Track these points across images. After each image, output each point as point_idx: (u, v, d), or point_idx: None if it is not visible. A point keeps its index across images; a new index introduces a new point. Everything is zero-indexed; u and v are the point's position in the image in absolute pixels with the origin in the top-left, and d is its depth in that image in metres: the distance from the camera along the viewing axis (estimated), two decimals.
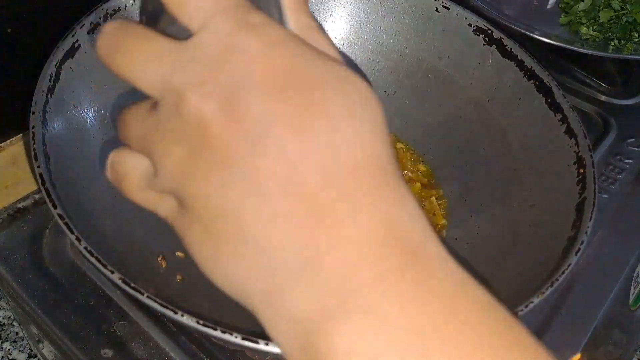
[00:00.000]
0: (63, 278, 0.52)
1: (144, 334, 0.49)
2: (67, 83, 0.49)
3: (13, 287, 0.51)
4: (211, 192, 0.22)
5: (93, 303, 0.51)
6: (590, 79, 0.77)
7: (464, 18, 0.60)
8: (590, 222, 0.45)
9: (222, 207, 0.22)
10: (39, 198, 0.59)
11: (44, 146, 0.44)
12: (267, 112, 0.21)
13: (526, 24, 0.75)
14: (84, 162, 0.49)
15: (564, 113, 0.53)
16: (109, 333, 0.49)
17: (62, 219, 0.40)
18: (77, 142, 0.49)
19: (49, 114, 0.46)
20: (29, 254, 0.53)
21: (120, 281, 0.37)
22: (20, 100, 0.48)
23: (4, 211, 0.58)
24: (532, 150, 0.55)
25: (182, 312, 0.37)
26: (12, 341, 0.55)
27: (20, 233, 0.55)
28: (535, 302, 0.42)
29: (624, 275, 0.58)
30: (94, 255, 0.38)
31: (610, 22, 0.79)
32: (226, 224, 0.22)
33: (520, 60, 0.58)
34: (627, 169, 0.67)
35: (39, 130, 0.45)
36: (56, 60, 0.48)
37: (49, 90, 0.47)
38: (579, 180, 0.49)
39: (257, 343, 0.36)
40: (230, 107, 0.21)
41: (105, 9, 0.53)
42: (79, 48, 0.50)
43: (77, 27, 0.51)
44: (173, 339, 0.49)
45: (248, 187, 0.22)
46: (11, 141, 0.57)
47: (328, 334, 0.21)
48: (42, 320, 0.49)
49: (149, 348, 0.48)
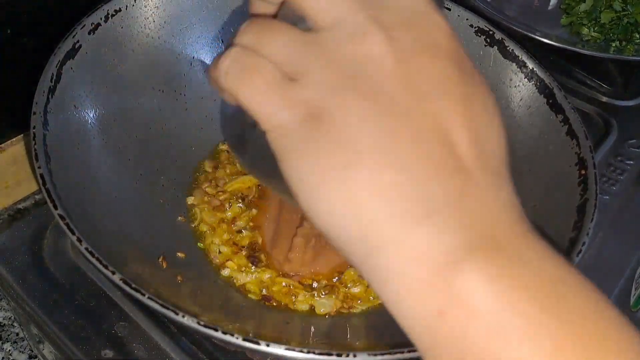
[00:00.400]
0: (64, 279, 0.52)
1: (145, 335, 0.49)
2: (68, 84, 0.49)
3: (14, 287, 0.51)
4: (356, 117, 0.23)
5: (93, 304, 0.51)
6: (591, 80, 0.77)
7: (465, 19, 0.60)
8: (591, 223, 0.45)
9: (361, 134, 0.23)
10: (39, 198, 0.59)
11: (44, 147, 0.44)
12: (440, 78, 0.24)
13: (527, 24, 0.75)
14: (84, 162, 0.49)
15: (565, 114, 0.53)
16: (109, 334, 0.49)
17: (63, 219, 0.40)
18: (78, 142, 0.49)
19: (49, 114, 0.46)
20: (29, 254, 0.53)
21: (121, 282, 0.37)
22: (20, 100, 0.48)
23: (4, 212, 0.58)
24: (534, 151, 0.55)
25: (182, 312, 0.37)
26: (12, 342, 0.54)
27: (21, 233, 0.55)
28: None
29: (625, 277, 0.58)
30: (95, 256, 0.38)
31: (611, 23, 0.79)
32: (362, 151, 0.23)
33: (521, 61, 0.58)
34: (628, 170, 0.67)
35: (40, 131, 0.45)
36: (57, 61, 0.48)
37: (49, 91, 0.47)
38: (581, 181, 0.49)
39: (258, 344, 0.36)
40: (409, 60, 0.24)
41: (106, 9, 0.53)
42: (79, 49, 0.50)
43: (78, 27, 0.51)
44: (173, 339, 0.49)
45: (403, 127, 0.23)
46: (12, 141, 0.57)
47: (467, 270, 0.22)
48: (42, 321, 0.49)
49: (149, 349, 0.48)
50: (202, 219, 0.55)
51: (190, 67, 0.60)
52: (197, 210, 0.56)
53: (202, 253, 0.54)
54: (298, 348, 0.37)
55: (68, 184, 0.44)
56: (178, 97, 0.59)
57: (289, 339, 0.47)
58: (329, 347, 0.37)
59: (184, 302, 0.44)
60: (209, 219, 0.55)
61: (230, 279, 0.52)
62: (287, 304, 0.51)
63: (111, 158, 0.52)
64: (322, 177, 0.23)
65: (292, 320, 0.50)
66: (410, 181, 0.23)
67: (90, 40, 0.51)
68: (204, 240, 0.54)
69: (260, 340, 0.36)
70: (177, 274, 0.49)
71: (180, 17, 0.59)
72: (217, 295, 0.51)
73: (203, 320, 0.37)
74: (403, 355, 0.37)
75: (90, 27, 0.51)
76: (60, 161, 0.45)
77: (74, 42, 0.50)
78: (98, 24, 0.52)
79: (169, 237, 0.53)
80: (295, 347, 0.37)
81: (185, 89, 0.60)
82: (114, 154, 0.53)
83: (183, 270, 0.50)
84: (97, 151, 0.51)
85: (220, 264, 0.53)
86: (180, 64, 0.60)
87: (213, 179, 0.59)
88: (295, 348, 0.37)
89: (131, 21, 0.55)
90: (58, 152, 0.45)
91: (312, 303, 0.51)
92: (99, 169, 0.51)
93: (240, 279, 0.52)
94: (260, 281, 0.52)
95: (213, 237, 0.54)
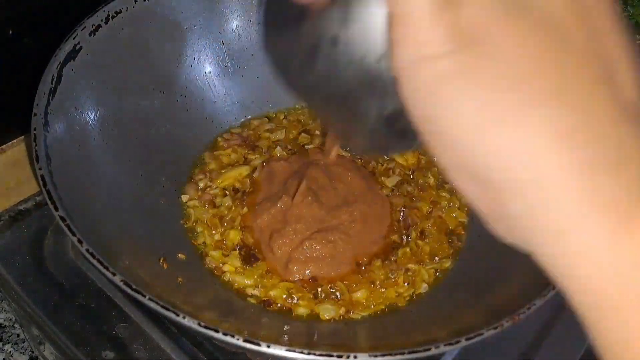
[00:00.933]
0: (64, 280, 0.52)
1: (145, 336, 0.49)
2: (69, 85, 0.49)
3: (14, 288, 0.51)
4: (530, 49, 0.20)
5: (94, 305, 0.51)
6: None
7: None
8: None
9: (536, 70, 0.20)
10: (40, 200, 0.59)
11: (45, 148, 0.44)
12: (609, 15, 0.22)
13: None
14: (85, 163, 0.49)
15: None
16: (110, 335, 0.49)
17: (64, 221, 0.40)
18: (78, 144, 0.49)
19: (50, 116, 0.46)
20: (30, 255, 0.53)
21: (122, 283, 0.37)
22: (21, 102, 0.48)
23: (5, 213, 0.58)
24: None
25: (183, 314, 0.37)
26: (13, 343, 0.54)
27: (22, 235, 0.55)
28: (538, 304, 0.42)
29: None
30: (96, 257, 0.38)
31: None
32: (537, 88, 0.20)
33: None
34: None
35: (41, 133, 0.45)
36: (58, 62, 0.49)
37: (50, 93, 0.47)
38: None
39: (259, 345, 0.36)
40: (585, 15, 0.22)
41: (106, 11, 0.53)
42: (80, 50, 0.50)
43: (79, 29, 0.51)
44: (174, 340, 0.49)
45: (580, 66, 0.21)
46: (12, 143, 0.57)
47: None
48: (43, 322, 0.49)
49: (150, 350, 0.48)
50: (196, 218, 0.55)
51: (191, 68, 0.60)
52: (191, 209, 0.56)
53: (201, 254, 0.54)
54: (299, 349, 0.37)
55: (69, 185, 0.44)
56: (179, 98, 0.59)
57: (289, 340, 0.47)
58: (329, 349, 0.37)
59: (185, 303, 0.44)
60: (201, 216, 0.55)
61: (229, 284, 0.52)
62: (288, 308, 0.51)
63: (112, 159, 0.52)
64: (492, 115, 0.20)
65: (293, 323, 0.50)
66: (594, 125, 0.20)
67: (91, 42, 0.51)
68: (197, 239, 0.54)
69: (261, 341, 0.36)
70: (178, 275, 0.49)
71: (181, 19, 0.59)
72: (218, 296, 0.51)
73: (204, 321, 0.37)
74: (404, 356, 0.37)
75: (91, 29, 0.52)
76: (60, 162, 0.45)
77: (74, 43, 0.50)
78: (99, 25, 0.52)
79: (170, 238, 0.53)
80: (295, 348, 0.37)
81: (186, 90, 0.60)
82: (114, 155, 0.53)
83: (184, 271, 0.50)
84: (97, 152, 0.51)
85: (213, 268, 0.53)
86: (181, 65, 0.60)
87: (208, 171, 0.59)
88: (296, 349, 0.37)
89: (132, 23, 0.55)
90: (59, 154, 0.45)
91: (313, 308, 0.51)
92: (100, 170, 0.51)
93: (239, 282, 0.52)
94: (259, 284, 0.52)
95: (205, 238, 0.54)
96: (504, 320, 0.41)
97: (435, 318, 0.50)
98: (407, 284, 0.53)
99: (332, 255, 0.53)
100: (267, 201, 0.56)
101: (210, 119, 0.62)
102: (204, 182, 0.58)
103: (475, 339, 0.40)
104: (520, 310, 0.41)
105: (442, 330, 0.44)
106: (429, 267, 0.54)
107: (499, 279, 0.50)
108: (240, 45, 0.63)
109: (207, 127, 0.61)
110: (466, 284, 0.53)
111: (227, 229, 0.55)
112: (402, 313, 0.51)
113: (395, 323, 0.50)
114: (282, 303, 0.51)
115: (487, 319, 0.41)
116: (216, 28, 0.61)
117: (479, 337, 0.40)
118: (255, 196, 0.58)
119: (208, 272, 0.52)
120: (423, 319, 0.50)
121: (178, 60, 0.59)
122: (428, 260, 0.55)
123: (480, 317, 0.44)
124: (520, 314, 0.41)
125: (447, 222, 0.58)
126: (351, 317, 0.51)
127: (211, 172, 0.59)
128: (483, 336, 0.40)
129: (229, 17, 0.62)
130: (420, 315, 0.51)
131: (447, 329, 0.43)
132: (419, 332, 0.48)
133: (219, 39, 0.62)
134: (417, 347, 0.38)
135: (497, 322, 0.40)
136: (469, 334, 0.40)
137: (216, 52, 0.62)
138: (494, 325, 0.40)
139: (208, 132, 0.61)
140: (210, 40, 0.61)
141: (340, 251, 0.53)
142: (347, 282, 0.53)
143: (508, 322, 0.40)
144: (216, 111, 0.62)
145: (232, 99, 0.63)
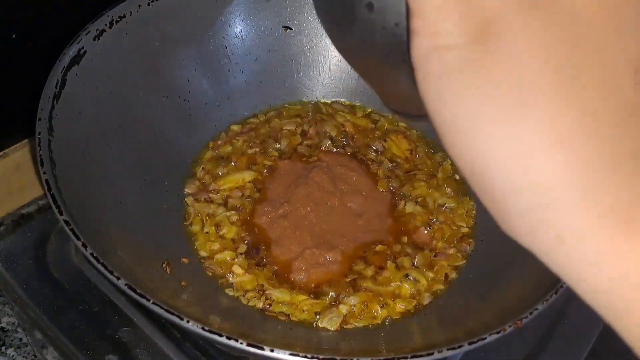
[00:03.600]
0: (68, 284, 0.52)
1: (148, 340, 0.49)
2: (73, 89, 0.49)
3: (18, 292, 0.51)
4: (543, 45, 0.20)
5: (97, 309, 0.51)
6: None
7: None
8: None
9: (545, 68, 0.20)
10: (43, 204, 0.59)
11: (50, 152, 0.45)
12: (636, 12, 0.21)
13: None
14: (89, 167, 0.49)
15: None
16: (113, 339, 0.49)
17: (68, 225, 0.40)
18: (82, 148, 0.49)
19: (54, 120, 0.47)
20: (33, 259, 0.53)
21: (127, 287, 0.38)
22: (24, 106, 0.49)
23: (8, 217, 0.58)
24: None
25: (187, 318, 0.37)
26: (16, 347, 0.55)
27: (25, 239, 0.55)
28: (540, 309, 0.42)
29: None
30: (100, 262, 0.38)
31: None
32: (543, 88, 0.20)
33: None
34: None
35: (45, 137, 0.45)
36: (62, 67, 0.49)
37: (54, 97, 0.47)
38: None
39: (263, 349, 0.36)
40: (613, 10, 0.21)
41: (110, 15, 0.53)
42: (84, 54, 0.51)
43: (83, 33, 0.51)
44: (177, 345, 0.49)
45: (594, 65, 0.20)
46: (16, 147, 0.57)
47: None
48: (46, 326, 0.49)
49: (153, 354, 0.48)
50: (199, 221, 0.55)
51: (194, 73, 0.60)
52: (194, 213, 0.56)
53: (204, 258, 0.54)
54: (302, 353, 0.37)
55: (72, 189, 0.45)
56: (182, 102, 0.60)
57: (292, 345, 0.47)
58: (332, 353, 0.37)
59: (188, 308, 0.44)
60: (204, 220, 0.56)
61: (232, 288, 0.52)
62: (291, 313, 0.51)
63: (116, 163, 0.52)
64: (491, 111, 0.20)
65: (295, 328, 0.50)
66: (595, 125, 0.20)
67: (95, 46, 0.52)
68: (200, 243, 0.54)
69: (264, 345, 0.36)
70: (182, 279, 0.49)
71: (184, 23, 0.59)
72: (221, 300, 0.51)
73: (207, 325, 0.37)
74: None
75: (95, 33, 0.52)
76: (64, 167, 0.45)
77: (78, 48, 0.50)
78: (103, 30, 0.52)
79: (173, 243, 0.53)
80: (299, 352, 0.37)
81: (189, 94, 0.60)
82: (118, 160, 0.53)
83: (187, 275, 0.50)
84: (101, 157, 0.51)
85: (216, 272, 0.53)
86: (184, 69, 0.60)
87: (211, 175, 0.59)
88: (300, 353, 0.37)
89: (136, 27, 0.55)
90: (63, 158, 0.46)
91: (315, 314, 0.51)
92: (104, 175, 0.51)
93: (242, 286, 0.52)
94: (263, 289, 0.52)
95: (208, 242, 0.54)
96: (506, 324, 0.41)
97: (439, 323, 0.50)
98: (410, 287, 0.53)
99: (335, 261, 0.53)
100: (270, 206, 0.56)
101: (213, 123, 0.62)
102: (207, 185, 0.58)
103: (478, 343, 0.40)
104: (522, 314, 0.41)
105: (445, 335, 0.44)
106: (434, 271, 0.54)
107: (502, 284, 0.50)
108: (243, 49, 0.63)
109: (210, 131, 0.62)
110: (469, 289, 0.53)
111: (230, 233, 0.55)
112: (406, 319, 0.51)
113: (398, 328, 0.50)
114: (285, 308, 0.51)
115: (490, 324, 0.41)
116: (220, 32, 0.62)
117: (482, 342, 0.40)
118: (258, 200, 0.58)
119: (211, 276, 0.52)
120: (426, 324, 0.50)
121: (181, 64, 0.60)
122: (431, 267, 0.55)
123: (483, 321, 0.44)
124: (522, 319, 0.41)
125: (452, 228, 0.58)
126: (353, 323, 0.51)
127: (214, 176, 0.59)
128: (486, 341, 0.40)
129: (233, 22, 0.62)
130: (423, 321, 0.51)
131: (451, 334, 0.44)
132: (421, 337, 0.48)
133: (223, 43, 0.62)
134: (419, 351, 0.39)
135: (499, 326, 0.41)
136: (471, 338, 0.40)
137: (219, 57, 0.62)
138: (496, 330, 0.40)
139: (211, 135, 0.61)
140: (214, 44, 0.61)
141: (342, 257, 0.54)
142: (349, 289, 0.53)
143: (511, 326, 0.41)
144: (219, 115, 0.62)
145: (235, 103, 0.63)
